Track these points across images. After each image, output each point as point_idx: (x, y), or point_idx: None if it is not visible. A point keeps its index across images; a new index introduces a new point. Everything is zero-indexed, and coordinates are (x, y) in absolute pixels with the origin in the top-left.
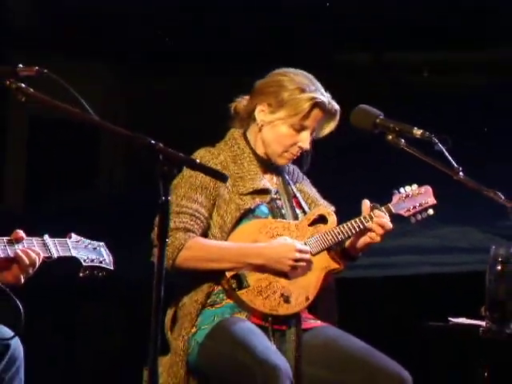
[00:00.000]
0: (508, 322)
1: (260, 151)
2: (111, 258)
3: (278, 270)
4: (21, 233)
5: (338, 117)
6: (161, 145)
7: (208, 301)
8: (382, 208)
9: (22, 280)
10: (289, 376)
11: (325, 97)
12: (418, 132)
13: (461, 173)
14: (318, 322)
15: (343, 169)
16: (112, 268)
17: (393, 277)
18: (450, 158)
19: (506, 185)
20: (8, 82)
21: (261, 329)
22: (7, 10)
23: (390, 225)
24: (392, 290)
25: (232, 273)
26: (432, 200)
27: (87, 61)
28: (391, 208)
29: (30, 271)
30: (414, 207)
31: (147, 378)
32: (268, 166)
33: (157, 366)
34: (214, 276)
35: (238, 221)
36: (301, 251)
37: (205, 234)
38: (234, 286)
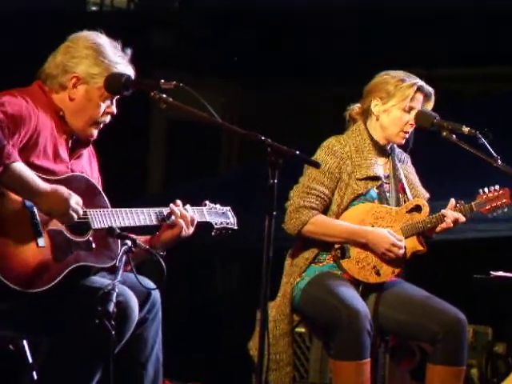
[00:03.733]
0: None
1: (378, 138)
2: (235, 219)
3: (374, 251)
4: (178, 201)
5: (433, 97)
6: (269, 140)
7: (315, 259)
8: (466, 206)
9: (182, 234)
10: (368, 318)
11: (421, 82)
12: (465, 129)
13: (499, 161)
14: (394, 278)
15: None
16: (236, 227)
17: (448, 240)
18: (491, 149)
19: None
20: (153, 93)
21: (351, 282)
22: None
23: (463, 219)
24: (447, 250)
25: (339, 245)
26: (508, 201)
27: (210, 76)
28: (473, 207)
29: (188, 230)
30: (493, 206)
31: (260, 317)
32: (384, 152)
33: (267, 308)
34: (324, 243)
35: (352, 201)
36: (394, 245)
37: (326, 208)
38: (338, 255)
